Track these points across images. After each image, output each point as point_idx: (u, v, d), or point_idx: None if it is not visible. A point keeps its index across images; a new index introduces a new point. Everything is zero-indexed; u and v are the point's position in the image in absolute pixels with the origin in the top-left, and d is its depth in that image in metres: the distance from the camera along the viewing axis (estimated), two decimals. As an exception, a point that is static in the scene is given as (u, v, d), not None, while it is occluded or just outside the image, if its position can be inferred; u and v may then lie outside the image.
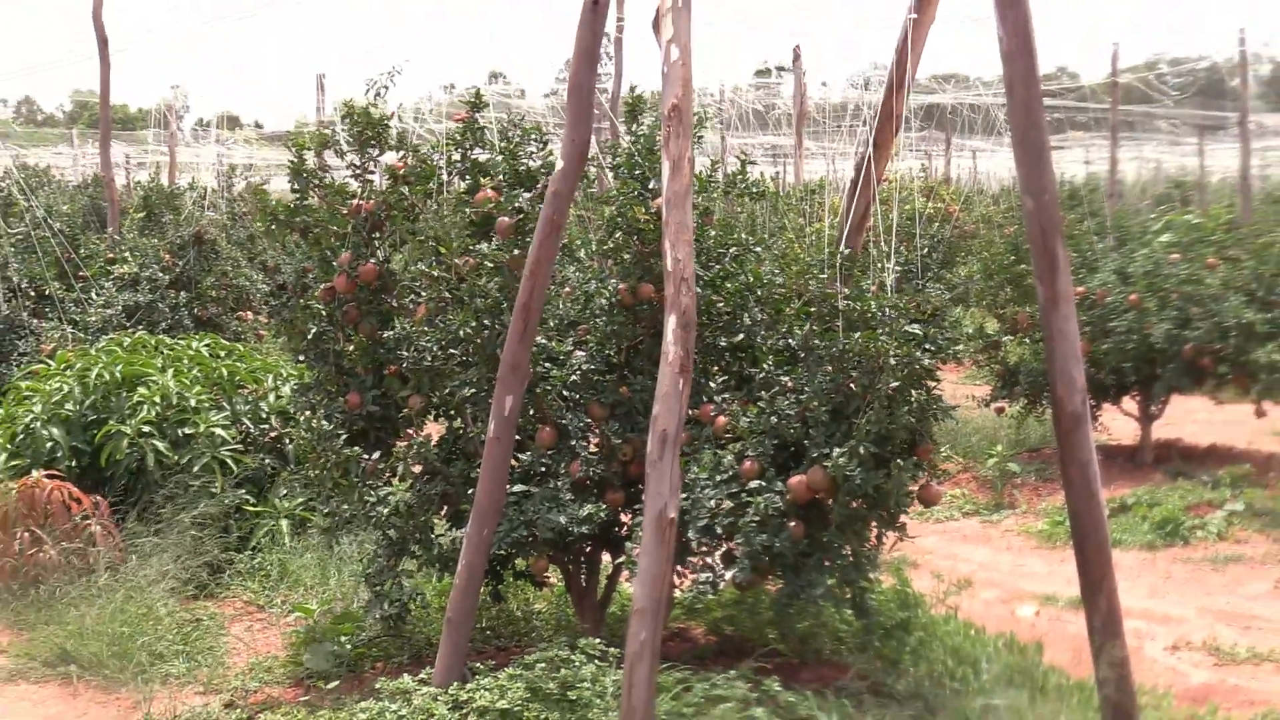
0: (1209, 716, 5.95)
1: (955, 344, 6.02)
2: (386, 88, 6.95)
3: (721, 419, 5.83)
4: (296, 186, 7.03)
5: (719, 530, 5.60)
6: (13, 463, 8.26)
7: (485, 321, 6.12)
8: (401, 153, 7.00)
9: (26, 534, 7.76)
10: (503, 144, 6.78)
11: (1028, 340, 10.91)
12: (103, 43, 13.02)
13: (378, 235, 6.74)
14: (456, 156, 6.87)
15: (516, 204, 6.41)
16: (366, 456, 6.45)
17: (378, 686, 5.61)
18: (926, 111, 28.10)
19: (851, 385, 5.57)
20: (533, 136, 6.85)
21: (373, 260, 6.60)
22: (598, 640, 5.60)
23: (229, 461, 8.43)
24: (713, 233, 6.22)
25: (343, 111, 7.18)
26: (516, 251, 6.05)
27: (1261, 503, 9.56)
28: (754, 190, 6.87)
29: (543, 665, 5.34)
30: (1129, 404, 11.37)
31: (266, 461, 8.55)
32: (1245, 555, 8.82)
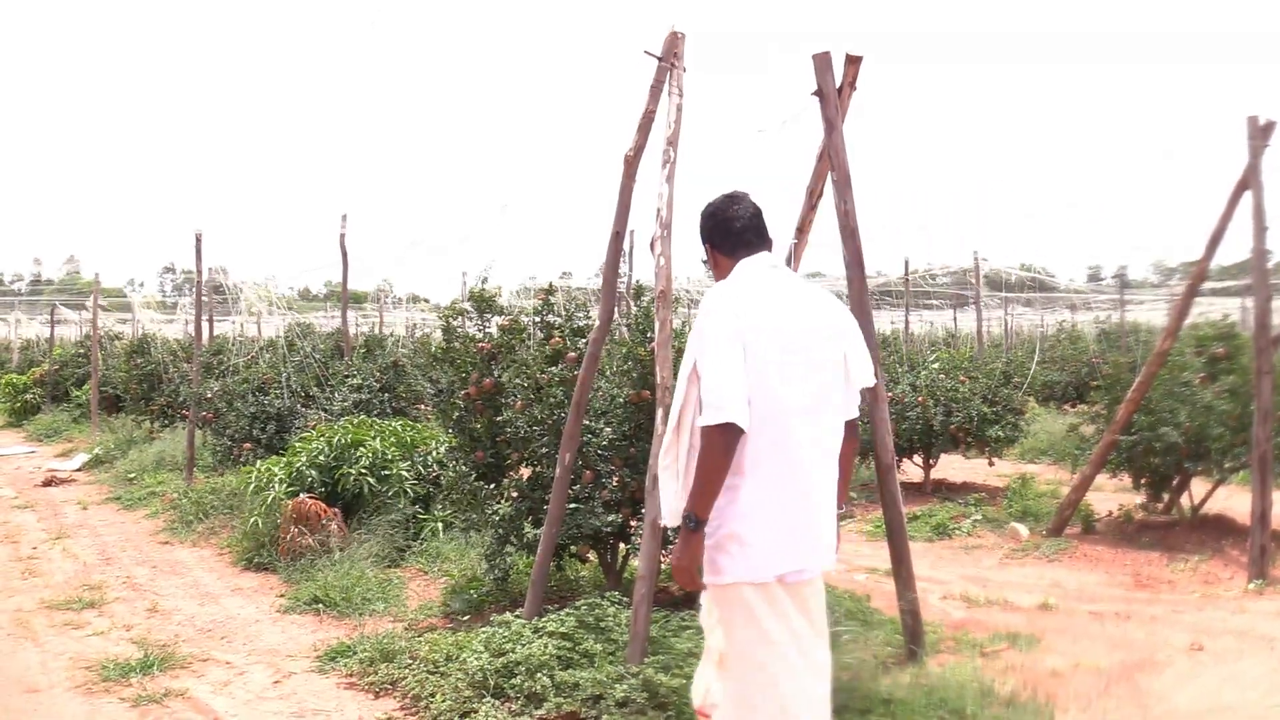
0: (964, 636, 5.87)
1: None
2: (485, 279, 7.06)
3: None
4: (446, 338, 7.07)
5: (686, 530, 5.55)
6: (289, 488, 8.23)
7: (554, 412, 6.10)
8: (505, 316, 7.05)
9: (296, 529, 7.71)
10: (564, 314, 6.81)
11: (861, 423, 10.88)
12: (344, 254, 13.11)
13: (493, 363, 6.75)
14: (537, 319, 6.91)
15: (576, 346, 6.44)
16: (486, 488, 6.42)
17: (491, 619, 5.54)
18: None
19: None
20: (581, 310, 6.90)
21: (489, 378, 6.61)
22: (617, 593, 5.53)
23: (409, 489, 8.39)
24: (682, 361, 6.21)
25: (470, 294, 7.26)
26: (573, 373, 6.05)
27: (990, 514, 9.51)
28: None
29: (585, 607, 5.27)
30: (917, 459, 11.33)
31: (430, 489, 8.50)
32: (982, 545, 8.74)
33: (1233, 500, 8.79)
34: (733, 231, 3.28)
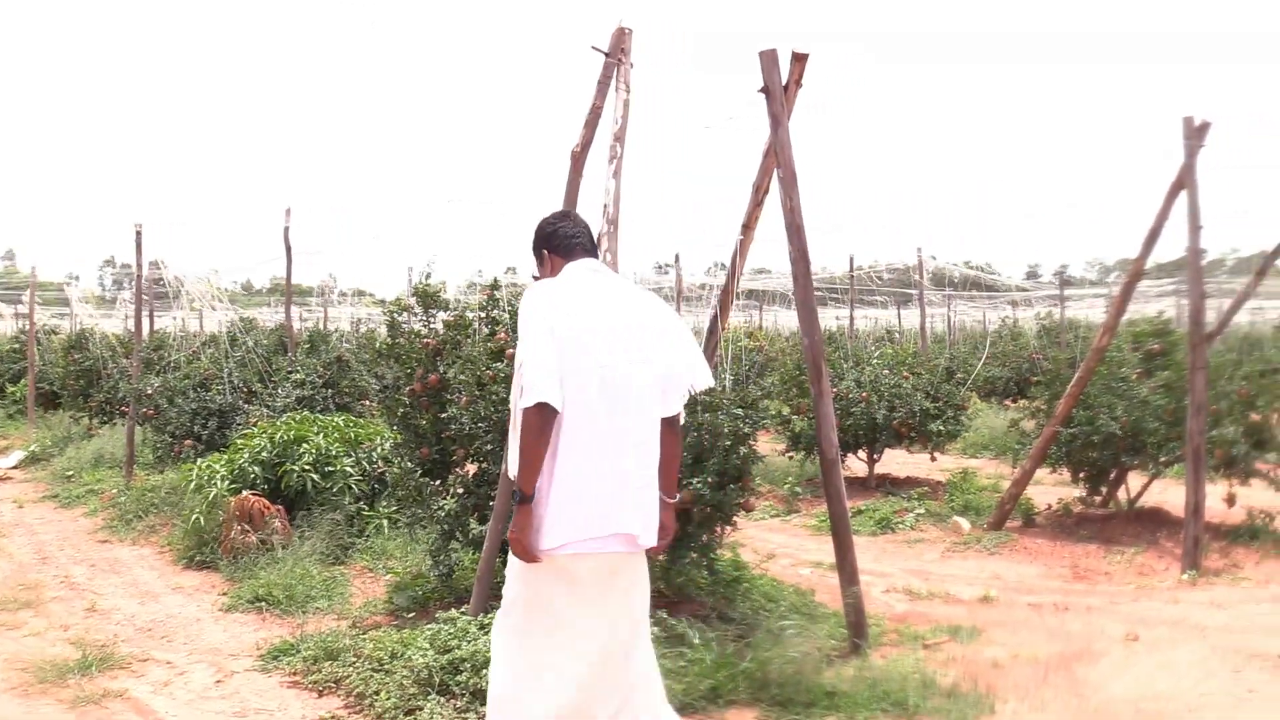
0: (907, 629, 5.95)
1: (763, 420, 6.01)
2: (429, 274, 7.01)
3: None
4: (391, 333, 7.00)
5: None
6: (232, 486, 8.09)
7: (498, 408, 6.06)
8: (450, 312, 6.98)
9: (238, 526, 7.59)
10: (510, 310, 6.76)
11: (806, 418, 10.94)
12: (288, 249, 12.87)
13: (438, 358, 6.68)
14: (483, 315, 6.86)
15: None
16: (432, 484, 6.36)
17: (436, 616, 5.49)
18: (749, 291, 28.30)
19: (705, 442, 5.56)
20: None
21: (435, 373, 6.54)
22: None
23: (354, 486, 8.29)
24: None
25: (414, 290, 7.21)
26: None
27: (933, 509, 9.61)
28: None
29: (532, 604, 5.25)
30: (861, 454, 11.42)
31: (375, 486, 8.41)
32: (925, 538, 8.85)
33: (1168, 493, 9.00)
34: (567, 235, 3.66)
